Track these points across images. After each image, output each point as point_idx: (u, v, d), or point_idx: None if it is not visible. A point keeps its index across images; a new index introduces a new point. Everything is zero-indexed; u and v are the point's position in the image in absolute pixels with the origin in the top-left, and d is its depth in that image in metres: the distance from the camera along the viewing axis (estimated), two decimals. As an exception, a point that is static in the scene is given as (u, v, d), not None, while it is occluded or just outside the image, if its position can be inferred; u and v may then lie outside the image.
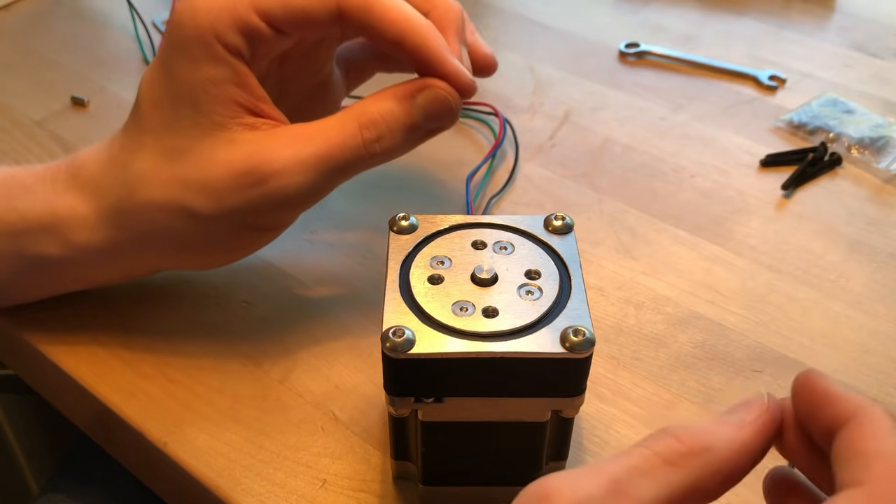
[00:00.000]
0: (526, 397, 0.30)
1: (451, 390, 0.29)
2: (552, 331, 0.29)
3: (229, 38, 0.33)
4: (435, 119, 0.36)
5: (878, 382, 0.39)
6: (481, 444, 0.32)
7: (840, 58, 0.62)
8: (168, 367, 0.39)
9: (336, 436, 0.36)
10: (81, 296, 0.41)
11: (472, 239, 0.32)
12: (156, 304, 0.42)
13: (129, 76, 0.59)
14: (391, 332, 0.28)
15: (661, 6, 0.68)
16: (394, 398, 0.30)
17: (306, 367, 0.39)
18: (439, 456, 0.32)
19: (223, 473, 0.35)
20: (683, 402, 0.38)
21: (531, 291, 0.30)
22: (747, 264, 0.45)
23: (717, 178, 0.51)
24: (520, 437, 0.31)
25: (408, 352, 0.28)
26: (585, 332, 0.28)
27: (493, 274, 0.31)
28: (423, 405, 0.30)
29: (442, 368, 0.28)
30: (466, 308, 0.30)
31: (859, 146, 0.52)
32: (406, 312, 0.29)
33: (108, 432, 0.40)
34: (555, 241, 0.33)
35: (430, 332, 0.29)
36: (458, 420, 0.30)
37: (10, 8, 0.66)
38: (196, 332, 0.41)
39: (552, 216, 0.33)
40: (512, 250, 0.32)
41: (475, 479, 0.33)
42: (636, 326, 0.42)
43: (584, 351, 0.28)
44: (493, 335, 0.29)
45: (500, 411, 0.30)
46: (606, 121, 0.56)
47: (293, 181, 0.34)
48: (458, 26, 0.37)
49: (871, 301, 0.43)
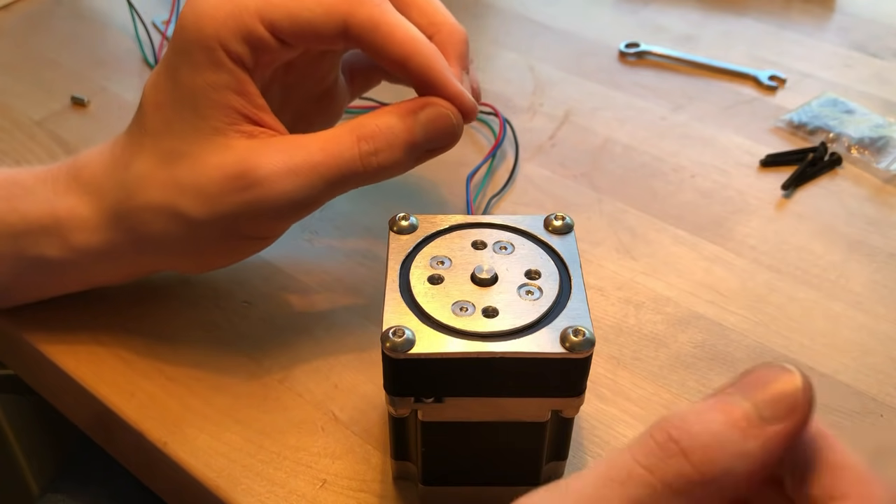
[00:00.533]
0: (526, 397, 0.30)
1: (451, 390, 0.29)
2: (552, 331, 0.29)
3: (232, 45, 0.33)
4: (436, 138, 0.35)
5: (879, 382, 0.39)
6: (481, 444, 0.32)
7: (840, 58, 0.62)
8: (168, 366, 0.39)
9: (336, 436, 0.36)
10: (81, 296, 0.41)
11: (472, 239, 0.32)
12: (156, 304, 0.42)
13: (129, 76, 0.59)
14: (391, 332, 0.28)
15: (661, 6, 0.68)
16: (394, 398, 0.30)
17: (306, 367, 0.39)
18: (439, 456, 0.32)
19: (223, 473, 0.35)
20: (683, 403, 0.38)
21: (531, 291, 0.30)
22: (747, 264, 0.45)
23: (717, 178, 0.51)
24: (520, 437, 0.31)
25: (408, 352, 0.28)
26: (585, 332, 0.28)
27: (493, 274, 0.31)
28: (423, 405, 0.30)
29: (442, 368, 0.28)
30: (466, 308, 0.29)
31: (859, 146, 0.52)
32: (406, 312, 0.29)
33: (108, 432, 0.40)
34: (555, 241, 0.33)
35: (430, 332, 0.29)
36: (458, 420, 0.30)
37: (10, 8, 0.66)
38: (196, 332, 0.41)
39: (552, 216, 0.33)
40: (512, 250, 0.32)
41: (475, 478, 0.33)
42: (636, 326, 0.42)
43: (584, 351, 0.28)
44: (493, 335, 0.29)
45: (499, 411, 0.30)
46: (606, 121, 0.56)
47: (282, 188, 0.33)
48: (461, 50, 0.37)
49: (871, 301, 0.43)
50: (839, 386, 0.39)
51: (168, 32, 0.62)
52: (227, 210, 0.34)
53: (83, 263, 0.37)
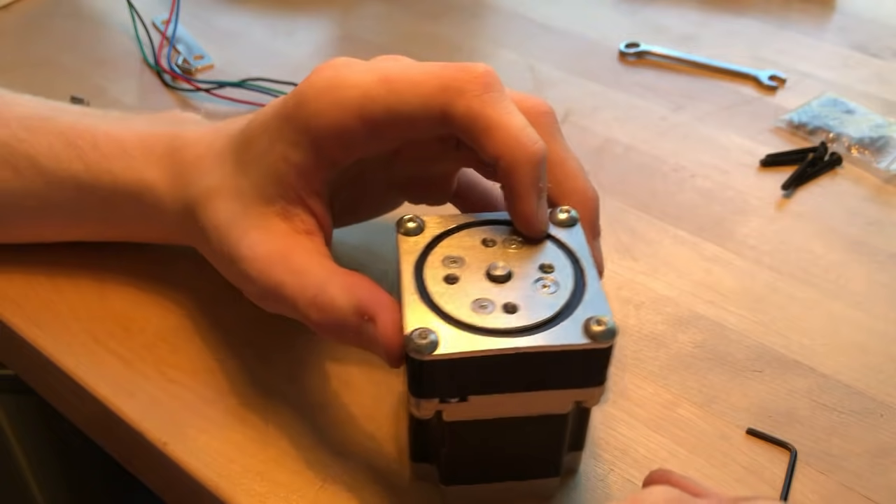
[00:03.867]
0: (550, 390, 0.30)
1: (476, 388, 0.29)
2: (574, 322, 0.29)
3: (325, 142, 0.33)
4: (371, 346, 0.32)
5: (879, 382, 0.39)
6: (505, 439, 0.32)
7: (840, 58, 0.62)
8: (168, 367, 0.39)
9: (336, 436, 0.36)
10: (81, 295, 0.41)
11: (482, 237, 0.32)
12: (156, 303, 0.42)
13: (129, 76, 0.59)
14: (416, 334, 0.28)
15: (661, 6, 0.68)
16: (419, 400, 0.29)
17: (307, 367, 0.39)
18: (462, 455, 0.32)
19: (223, 473, 0.35)
20: (683, 402, 0.38)
21: (547, 285, 0.30)
22: (747, 264, 0.45)
23: (717, 178, 0.51)
24: (543, 430, 0.31)
25: (434, 353, 0.28)
26: (607, 321, 0.28)
27: (508, 270, 0.31)
28: (448, 405, 0.29)
29: (469, 367, 0.28)
30: (486, 305, 0.29)
31: (859, 146, 0.52)
32: (426, 313, 0.29)
33: (108, 432, 0.40)
34: (562, 234, 0.33)
35: (454, 331, 0.28)
36: (483, 418, 0.30)
37: (10, 8, 0.66)
38: (196, 331, 0.41)
39: (557, 209, 0.33)
40: (522, 246, 0.32)
41: (497, 475, 0.33)
42: (636, 326, 0.42)
43: (607, 340, 0.28)
44: (517, 331, 0.29)
45: (524, 406, 0.30)
46: (606, 121, 0.56)
47: (251, 291, 0.35)
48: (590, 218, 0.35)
49: (871, 301, 0.43)
50: (839, 386, 0.39)
51: (168, 32, 0.62)
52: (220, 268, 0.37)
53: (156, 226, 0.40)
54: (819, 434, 0.37)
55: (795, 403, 0.38)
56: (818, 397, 0.38)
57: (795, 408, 0.38)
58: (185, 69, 0.59)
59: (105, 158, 0.39)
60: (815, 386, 0.39)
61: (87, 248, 0.43)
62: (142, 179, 0.39)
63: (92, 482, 0.74)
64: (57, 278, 0.42)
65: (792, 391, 0.39)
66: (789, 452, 0.36)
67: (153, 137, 0.39)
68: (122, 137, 0.40)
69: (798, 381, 0.39)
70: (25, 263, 0.42)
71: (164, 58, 0.60)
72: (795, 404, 0.38)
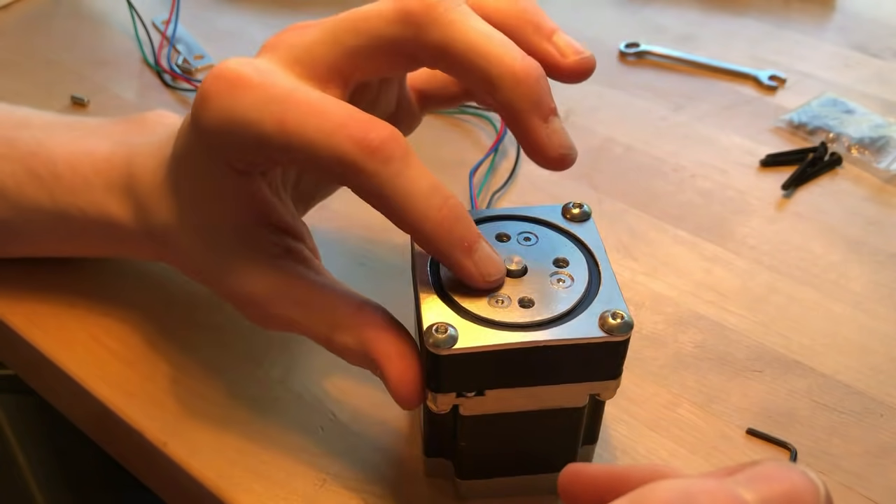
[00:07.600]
0: (566, 383, 0.30)
1: (493, 382, 0.29)
2: (590, 316, 0.29)
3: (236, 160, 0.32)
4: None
5: (879, 382, 0.39)
6: (521, 433, 0.32)
7: (840, 58, 0.62)
8: (168, 366, 0.39)
9: (336, 435, 0.36)
10: (81, 295, 0.41)
11: (496, 232, 0.33)
12: (156, 303, 0.42)
13: (129, 76, 0.59)
14: (434, 328, 0.28)
15: (661, 6, 0.68)
16: (436, 395, 0.30)
17: (306, 367, 0.39)
18: (479, 449, 0.32)
19: (223, 473, 0.35)
20: (683, 402, 0.38)
21: (562, 280, 0.31)
22: (747, 264, 0.45)
23: (717, 178, 0.51)
24: (558, 423, 0.32)
25: (452, 347, 0.28)
26: (623, 314, 0.29)
27: (523, 265, 0.31)
28: (465, 399, 0.30)
29: (487, 361, 0.29)
30: (502, 300, 0.30)
31: (859, 146, 0.52)
32: (443, 308, 0.29)
33: (108, 432, 0.40)
34: (575, 228, 0.33)
35: (471, 326, 0.29)
36: (499, 412, 0.30)
37: (10, 8, 0.66)
38: (196, 331, 0.41)
39: (570, 204, 0.34)
40: (536, 241, 0.32)
41: (513, 468, 0.33)
42: (636, 326, 0.41)
43: (623, 334, 0.28)
44: (534, 325, 0.29)
45: (540, 400, 0.30)
46: (606, 121, 0.56)
47: (253, 319, 0.35)
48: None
49: (871, 301, 0.43)
50: (839, 386, 0.39)
51: (168, 32, 0.62)
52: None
53: (137, 251, 0.39)
54: (819, 434, 0.37)
55: (795, 403, 0.38)
56: (818, 397, 0.38)
57: (795, 408, 0.38)
58: (185, 69, 0.59)
59: (70, 192, 0.38)
60: (815, 386, 0.39)
61: (87, 248, 0.43)
62: (107, 214, 0.37)
63: (92, 482, 0.74)
64: (56, 278, 0.42)
65: (792, 391, 0.39)
66: (789, 452, 0.36)
67: (108, 165, 0.38)
68: (81, 166, 0.38)
69: (798, 381, 0.39)
70: (25, 263, 0.42)
71: (164, 58, 0.60)
72: (795, 404, 0.38)
